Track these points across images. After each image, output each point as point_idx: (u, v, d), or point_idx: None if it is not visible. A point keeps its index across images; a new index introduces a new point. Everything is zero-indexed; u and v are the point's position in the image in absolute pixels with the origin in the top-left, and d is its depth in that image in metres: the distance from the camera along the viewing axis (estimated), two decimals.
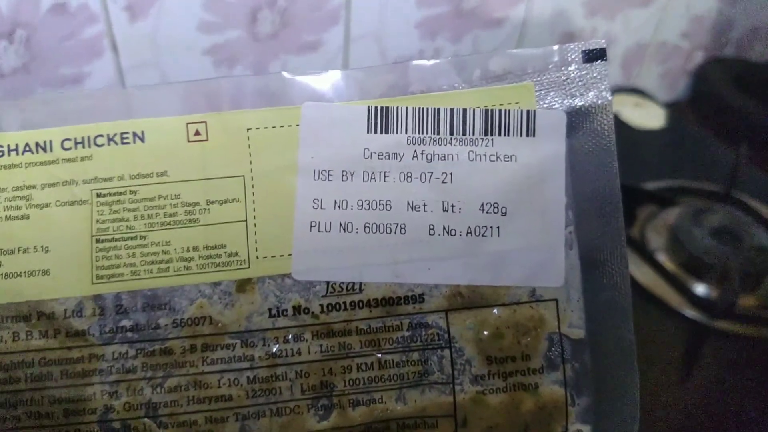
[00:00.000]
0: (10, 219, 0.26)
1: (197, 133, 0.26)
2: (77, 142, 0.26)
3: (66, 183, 0.26)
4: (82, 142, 0.26)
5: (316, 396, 0.26)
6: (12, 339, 0.25)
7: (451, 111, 0.27)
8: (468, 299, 0.26)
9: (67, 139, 0.26)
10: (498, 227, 0.27)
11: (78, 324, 0.25)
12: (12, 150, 0.26)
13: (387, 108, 0.27)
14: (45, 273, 0.26)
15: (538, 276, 0.27)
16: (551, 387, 0.27)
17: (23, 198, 0.26)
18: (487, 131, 0.27)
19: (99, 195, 0.26)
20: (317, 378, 0.26)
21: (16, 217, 0.26)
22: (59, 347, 0.25)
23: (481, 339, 0.26)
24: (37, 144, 0.26)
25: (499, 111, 0.27)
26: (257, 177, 0.26)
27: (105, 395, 0.25)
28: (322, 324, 0.26)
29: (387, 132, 0.27)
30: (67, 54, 0.53)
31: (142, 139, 0.26)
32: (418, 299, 0.26)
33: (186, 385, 0.26)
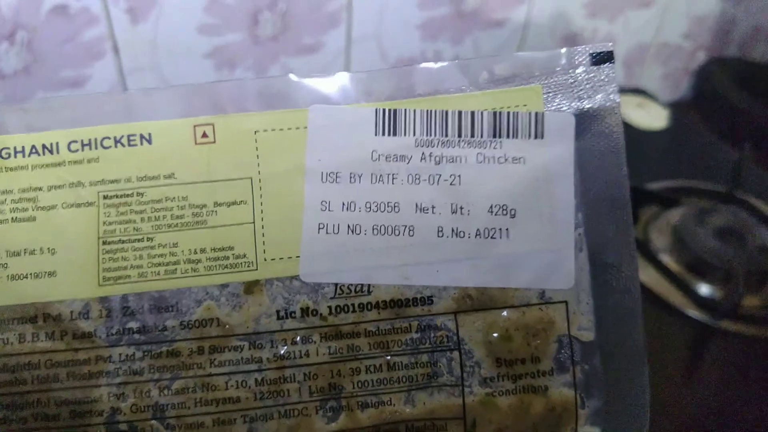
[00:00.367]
0: (16, 221, 0.26)
1: (204, 135, 0.26)
2: (84, 144, 0.26)
3: (72, 185, 0.26)
4: (88, 144, 0.26)
5: (324, 398, 0.26)
6: (18, 341, 0.25)
7: (459, 113, 0.27)
8: (477, 301, 0.26)
9: (74, 141, 0.26)
10: (507, 229, 0.26)
11: (85, 326, 0.25)
12: (18, 152, 0.26)
13: (395, 110, 0.27)
14: (51, 275, 0.26)
15: (547, 278, 0.27)
16: (561, 389, 0.27)
17: (29, 200, 0.26)
18: (496, 133, 0.27)
19: (106, 197, 0.26)
20: (325, 380, 0.26)
21: (22, 219, 0.26)
22: (66, 349, 0.25)
23: (491, 341, 0.26)
24: (44, 146, 0.26)
25: (507, 113, 0.27)
26: (265, 179, 0.26)
27: (112, 397, 0.25)
28: (330, 326, 0.26)
29: (395, 134, 0.27)
30: (68, 56, 0.52)
31: (149, 141, 0.26)
32: (426, 301, 0.26)
33: (193, 387, 0.25)
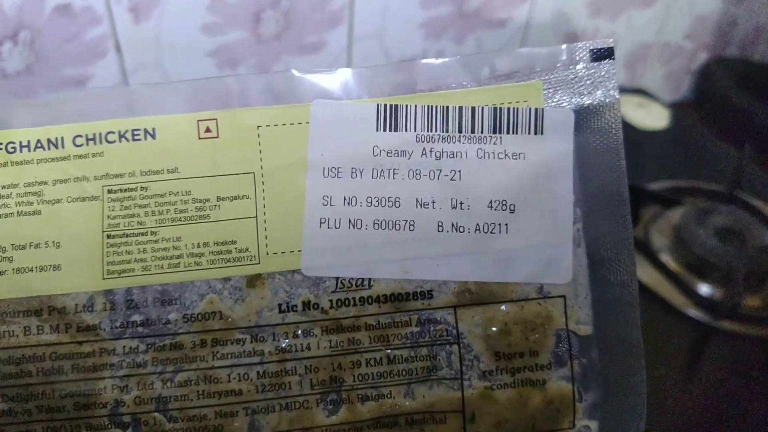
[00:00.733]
0: (21, 214, 0.26)
1: (208, 130, 0.27)
2: (89, 138, 0.26)
3: (77, 179, 0.26)
4: (93, 138, 0.26)
5: (325, 391, 0.26)
6: (23, 333, 0.26)
7: (460, 109, 0.27)
8: (476, 295, 0.27)
9: (79, 136, 0.26)
10: (506, 224, 0.27)
11: (89, 319, 0.26)
12: (24, 146, 0.26)
13: (396, 106, 0.27)
14: (56, 268, 0.26)
15: (546, 273, 0.27)
16: (559, 383, 0.27)
17: (35, 194, 0.26)
18: (496, 129, 0.27)
19: (110, 191, 0.26)
20: (326, 373, 0.26)
21: (27, 213, 0.26)
22: (70, 342, 0.26)
23: (489, 335, 0.27)
24: (49, 140, 0.26)
25: (508, 109, 0.27)
26: (267, 174, 0.27)
27: (115, 389, 0.25)
28: (331, 319, 0.26)
29: (396, 130, 0.27)
30: (71, 55, 0.53)
31: (153, 136, 0.27)
32: (426, 295, 0.26)
33: (196, 380, 0.26)
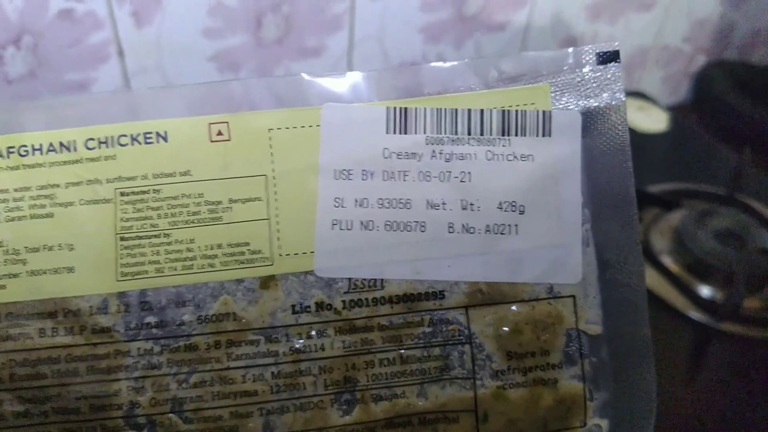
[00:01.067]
0: (34, 217, 0.26)
1: (219, 134, 0.27)
2: (101, 141, 0.27)
3: (90, 182, 0.27)
4: (105, 141, 0.27)
5: (339, 391, 0.26)
6: (38, 335, 0.26)
7: (469, 112, 0.27)
8: (487, 296, 0.27)
9: (91, 139, 0.27)
10: (516, 225, 0.27)
11: (103, 321, 0.26)
12: (36, 149, 0.27)
13: (405, 109, 0.27)
14: (70, 270, 0.26)
15: (555, 273, 0.27)
16: (570, 382, 0.27)
17: (47, 197, 0.26)
18: (504, 131, 0.27)
19: (123, 194, 0.26)
20: (340, 373, 0.26)
21: (40, 216, 0.26)
22: (85, 344, 0.26)
23: (501, 335, 0.27)
24: (61, 144, 0.27)
25: (516, 112, 0.27)
26: (279, 176, 0.27)
27: (130, 391, 0.26)
28: (344, 320, 0.26)
29: (406, 132, 0.27)
30: (74, 60, 0.53)
31: (165, 139, 0.27)
32: (438, 296, 0.27)
33: (211, 381, 0.26)
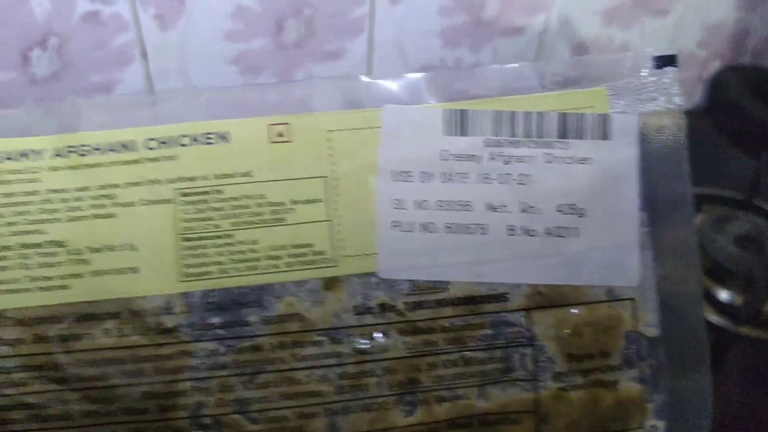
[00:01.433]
0: (96, 217, 0.26)
1: (280, 135, 0.27)
2: (161, 142, 0.27)
3: (150, 182, 0.27)
4: (165, 142, 0.27)
5: (402, 392, 0.26)
6: (103, 336, 0.26)
7: (527, 114, 0.27)
8: (548, 298, 0.27)
9: (151, 139, 0.27)
10: (576, 228, 0.27)
11: (168, 321, 0.26)
12: (95, 149, 0.27)
13: (464, 111, 0.27)
14: (133, 271, 0.26)
15: (614, 275, 0.27)
16: (629, 384, 0.27)
17: (107, 197, 0.26)
18: (563, 134, 0.27)
19: (184, 194, 0.27)
20: (404, 374, 0.26)
21: (101, 216, 0.26)
22: (150, 344, 0.26)
23: (562, 337, 0.27)
24: (121, 144, 0.27)
25: (574, 115, 0.28)
26: (339, 177, 0.27)
27: (196, 391, 0.26)
28: (407, 321, 0.27)
29: (464, 134, 0.27)
30: (98, 62, 0.53)
31: (226, 140, 0.27)
32: (500, 298, 0.27)
33: (276, 382, 0.26)
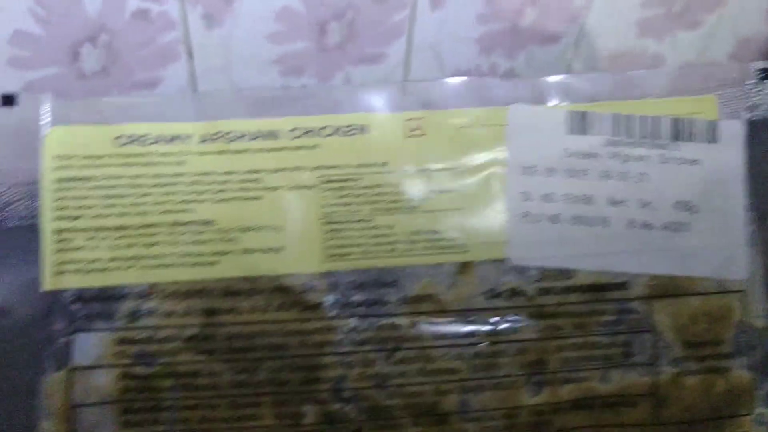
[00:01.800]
0: (243, 199, 0.27)
1: (415, 129, 0.28)
2: (305, 131, 0.28)
3: (294, 169, 0.28)
4: (309, 131, 0.28)
5: (531, 373, 0.28)
6: (251, 311, 0.27)
7: (643, 118, 0.29)
8: (666, 288, 0.29)
9: (296, 129, 0.28)
10: (689, 223, 0.29)
11: (313, 298, 0.27)
12: (240, 137, 0.28)
13: (585, 113, 0.29)
14: (280, 250, 0.27)
15: (724, 269, 0.29)
16: (739, 371, 0.29)
17: (253, 181, 0.28)
18: (675, 137, 0.29)
19: (326, 181, 0.28)
20: (533, 356, 0.28)
21: (249, 198, 0.28)
22: (296, 319, 0.27)
23: (679, 324, 0.29)
24: (266, 132, 0.28)
25: (685, 119, 0.29)
26: (469, 170, 0.29)
27: (338, 365, 0.27)
28: (536, 306, 0.28)
29: (585, 134, 0.29)
30: (145, 58, 0.53)
31: (365, 132, 0.28)
32: (622, 287, 0.29)
33: (413, 358, 0.27)
